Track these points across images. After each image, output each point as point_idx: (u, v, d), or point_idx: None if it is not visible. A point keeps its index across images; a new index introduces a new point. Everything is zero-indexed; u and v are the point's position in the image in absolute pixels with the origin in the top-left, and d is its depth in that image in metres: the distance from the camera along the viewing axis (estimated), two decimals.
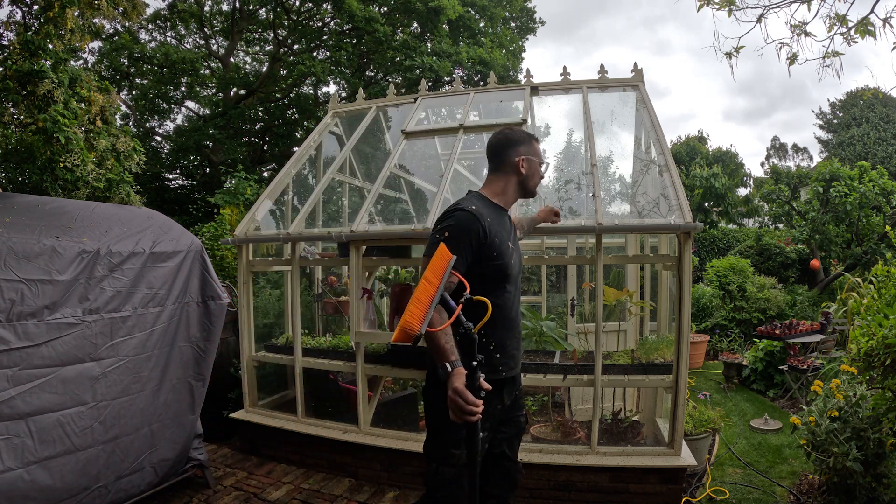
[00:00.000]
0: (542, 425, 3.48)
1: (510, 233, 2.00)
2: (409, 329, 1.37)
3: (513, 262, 1.93)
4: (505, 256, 1.87)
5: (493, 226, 1.86)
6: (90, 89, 4.77)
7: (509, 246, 1.92)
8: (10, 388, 2.25)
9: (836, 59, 3.50)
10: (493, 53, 12.40)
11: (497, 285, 1.88)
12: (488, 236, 1.82)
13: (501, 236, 1.89)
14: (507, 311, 1.93)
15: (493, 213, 1.91)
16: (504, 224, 1.96)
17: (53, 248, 2.51)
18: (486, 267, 1.84)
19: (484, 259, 1.82)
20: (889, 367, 2.49)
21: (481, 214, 1.82)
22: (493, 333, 1.87)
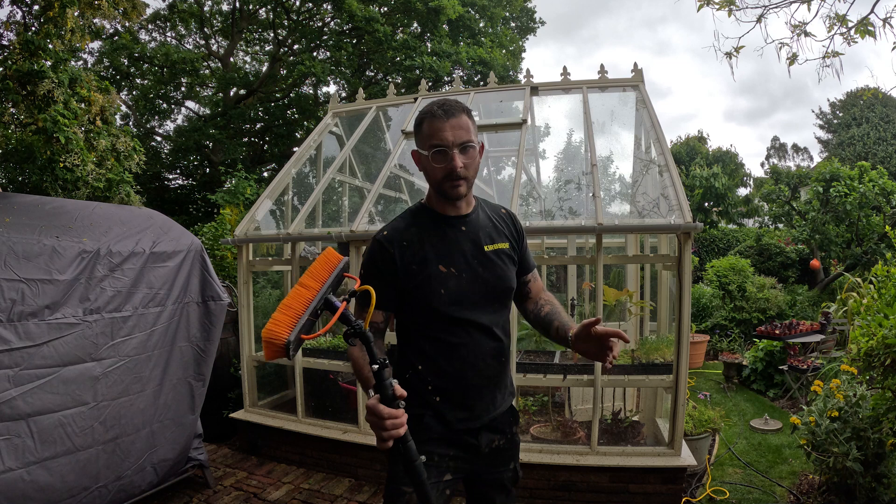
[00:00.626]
0: (542, 425, 3.48)
1: (468, 244, 1.51)
2: (273, 338, 1.12)
3: (452, 289, 1.45)
4: (430, 284, 1.44)
5: (415, 247, 1.46)
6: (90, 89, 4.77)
7: (446, 270, 1.46)
8: (12, 389, 2.25)
9: (836, 59, 3.51)
10: (493, 53, 12.39)
11: (432, 320, 1.46)
12: (400, 262, 1.45)
13: (428, 258, 1.46)
14: (455, 350, 1.46)
15: (425, 228, 1.50)
16: (448, 238, 1.49)
17: (53, 248, 2.51)
18: (412, 298, 1.47)
19: (407, 290, 1.46)
20: (889, 367, 2.49)
21: (392, 239, 1.47)
22: (431, 373, 1.48)
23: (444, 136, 1.40)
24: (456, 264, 1.48)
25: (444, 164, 1.41)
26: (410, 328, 1.52)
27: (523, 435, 3.33)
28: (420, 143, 1.47)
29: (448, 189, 1.45)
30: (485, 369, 1.51)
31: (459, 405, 1.50)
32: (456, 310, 1.46)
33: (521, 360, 3.32)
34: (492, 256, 1.53)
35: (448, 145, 1.40)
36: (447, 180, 1.43)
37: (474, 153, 1.45)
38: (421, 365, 1.49)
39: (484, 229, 1.55)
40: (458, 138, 1.40)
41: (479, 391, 1.51)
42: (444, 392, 1.49)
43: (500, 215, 1.64)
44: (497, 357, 1.54)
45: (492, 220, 1.59)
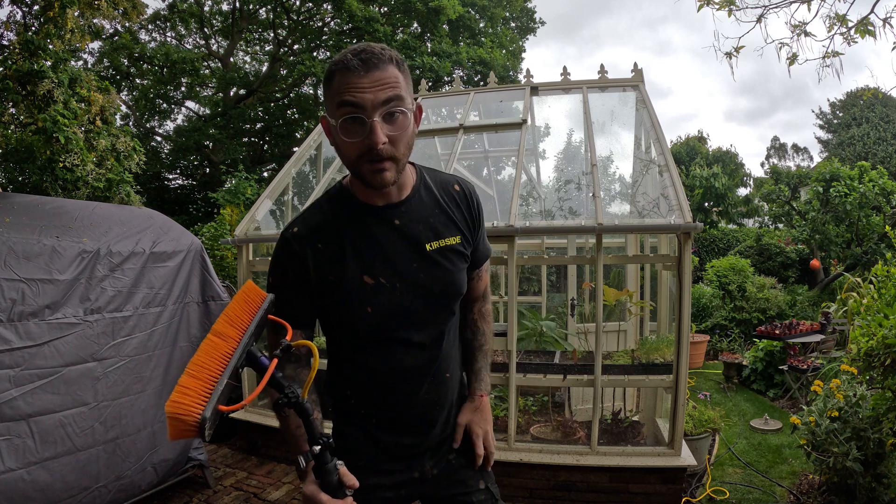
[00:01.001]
0: (542, 425, 3.48)
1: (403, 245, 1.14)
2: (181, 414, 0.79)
3: (382, 305, 1.12)
4: (352, 301, 1.11)
5: (333, 250, 1.11)
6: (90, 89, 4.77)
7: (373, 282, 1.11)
8: (12, 389, 2.25)
9: (836, 59, 3.51)
10: (493, 53, 12.40)
11: (358, 343, 1.17)
12: (314, 271, 1.10)
13: (348, 265, 1.11)
14: (388, 378, 1.18)
15: (345, 224, 1.13)
16: (376, 238, 1.13)
17: (53, 248, 2.51)
18: (331, 317, 1.17)
19: (323, 305, 1.14)
20: (889, 367, 2.49)
21: (303, 237, 1.11)
22: (363, 403, 1.23)
23: (361, 95, 0.97)
24: (386, 273, 1.11)
25: (358, 136, 1.00)
26: (335, 349, 1.22)
27: (523, 435, 3.33)
28: (328, 106, 1.03)
29: (367, 173, 1.03)
30: (428, 392, 1.22)
31: (396, 431, 1.23)
32: (388, 330, 1.14)
33: (521, 360, 3.32)
34: (436, 258, 1.15)
35: (365, 108, 0.98)
36: (364, 161, 1.02)
37: (406, 121, 1.03)
38: (349, 390, 1.22)
39: (425, 221, 1.16)
40: (381, 97, 0.98)
41: (422, 416, 1.23)
42: (379, 418, 1.23)
43: (452, 194, 1.22)
44: (441, 376, 1.24)
45: (439, 203, 1.19)
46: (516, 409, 3.18)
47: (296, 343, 0.98)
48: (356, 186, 1.14)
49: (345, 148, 1.03)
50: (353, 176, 1.10)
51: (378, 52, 1.01)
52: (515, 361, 3.15)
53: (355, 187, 1.14)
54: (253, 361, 0.93)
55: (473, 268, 1.30)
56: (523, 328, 3.95)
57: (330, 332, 1.21)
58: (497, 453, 3.24)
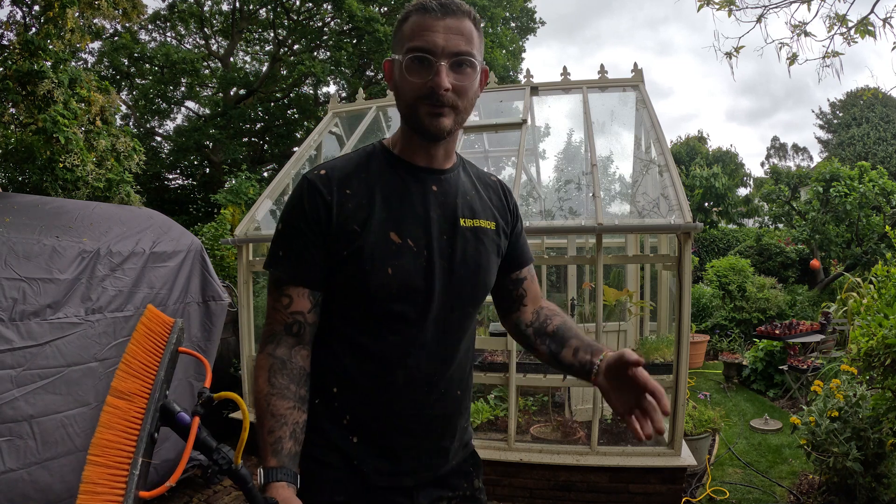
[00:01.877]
0: (542, 425, 3.49)
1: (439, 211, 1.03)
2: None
3: (404, 269, 0.97)
4: (373, 255, 0.96)
5: (361, 198, 0.99)
6: (90, 89, 4.77)
7: (400, 241, 0.98)
8: (14, 389, 2.25)
9: (836, 59, 3.51)
10: (493, 53, 12.40)
11: (365, 314, 0.98)
12: (337, 215, 0.97)
13: (374, 215, 0.98)
14: (390, 369, 0.99)
15: (379, 176, 1.02)
16: (411, 194, 1.02)
17: (54, 248, 2.51)
18: (341, 277, 0.98)
19: (337, 261, 0.97)
20: (889, 367, 2.49)
21: (331, 180, 0.99)
22: (350, 400, 1.01)
23: (433, 38, 0.93)
24: (415, 235, 0.99)
25: (422, 77, 0.94)
26: (329, 326, 1.02)
27: (523, 435, 3.33)
28: (396, 47, 0.98)
29: (424, 116, 0.96)
30: (433, 406, 1.02)
31: (385, 454, 1.00)
32: (403, 305, 0.97)
33: (521, 360, 3.32)
34: (469, 235, 1.04)
35: (435, 51, 0.93)
36: (424, 102, 0.95)
37: (473, 76, 0.98)
38: (336, 387, 1.00)
39: (464, 196, 1.07)
40: (453, 46, 0.94)
41: (418, 438, 1.02)
42: (363, 431, 1.00)
43: (489, 184, 1.16)
44: (454, 389, 1.06)
45: (477, 186, 1.12)
46: (516, 409, 3.18)
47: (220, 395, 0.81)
48: (399, 143, 1.05)
49: (405, 87, 0.96)
50: (407, 121, 1.01)
51: (459, 3, 0.97)
52: (515, 361, 3.15)
53: (397, 145, 1.05)
54: (170, 420, 0.73)
55: (519, 266, 1.20)
56: None
57: (327, 308, 1.01)
58: (497, 453, 3.24)
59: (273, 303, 0.98)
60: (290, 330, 0.97)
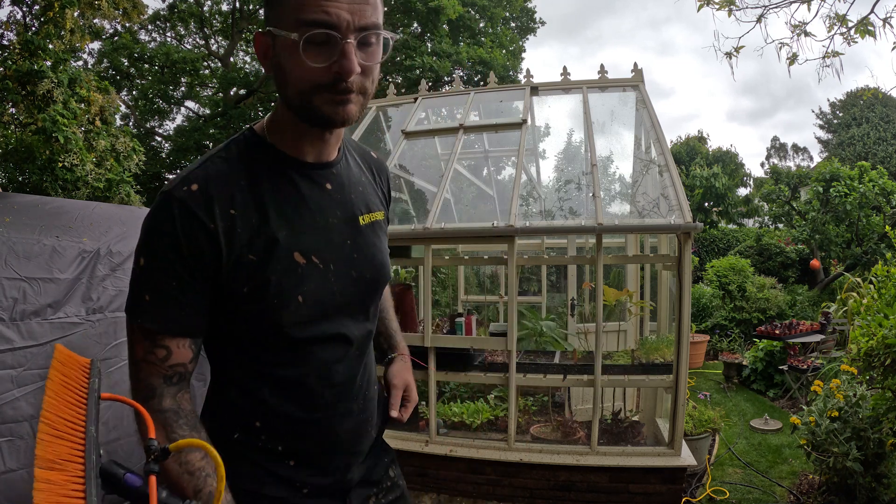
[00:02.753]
0: (542, 425, 3.49)
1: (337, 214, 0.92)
2: None
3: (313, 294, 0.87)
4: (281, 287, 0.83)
5: (251, 216, 0.83)
6: (90, 89, 4.78)
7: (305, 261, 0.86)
8: (14, 389, 2.25)
9: (836, 59, 3.51)
10: (493, 53, 12.40)
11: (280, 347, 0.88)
12: (226, 245, 0.80)
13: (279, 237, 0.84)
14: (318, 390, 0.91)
15: (265, 182, 0.85)
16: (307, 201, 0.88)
17: (54, 248, 2.51)
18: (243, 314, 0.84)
19: (233, 297, 0.83)
20: (889, 367, 2.49)
21: (209, 198, 0.80)
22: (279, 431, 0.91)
23: (335, 9, 0.75)
24: (318, 249, 0.87)
25: (325, 59, 0.77)
26: (236, 363, 0.90)
27: (523, 435, 3.33)
28: (278, 19, 0.77)
29: (324, 105, 0.80)
30: (362, 405, 0.98)
31: (325, 468, 0.95)
32: (319, 326, 0.88)
33: (521, 360, 3.32)
34: (368, 234, 0.95)
35: (340, 26, 0.76)
36: (324, 91, 0.79)
37: (378, 51, 0.82)
38: (259, 421, 0.90)
39: (355, 188, 0.95)
40: (359, 18, 0.77)
41: (354, 440, 0.98)
42: (300, 454, 0.92)
43: (371, 162, 1.05)
44: (371, 388, 1.02)
45: (362, 169, 1.00)
46: (516, 409, 3.18)
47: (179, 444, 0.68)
48: (280, 132, 0.87)
49: (298, 72, 0.78)
50: (298, 111, 0.82)
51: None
52: (515, 361, 3.15)
53: (277, 135, 0.87)
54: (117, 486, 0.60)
55: None
56: (523, 328, 3.95)
57: (232, 338, 0.88)
58: (497, 453, 3.24)
59: (144, 355, 0.80)
60: (171, 381, 0.82)
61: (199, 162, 0.84)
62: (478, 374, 3.30)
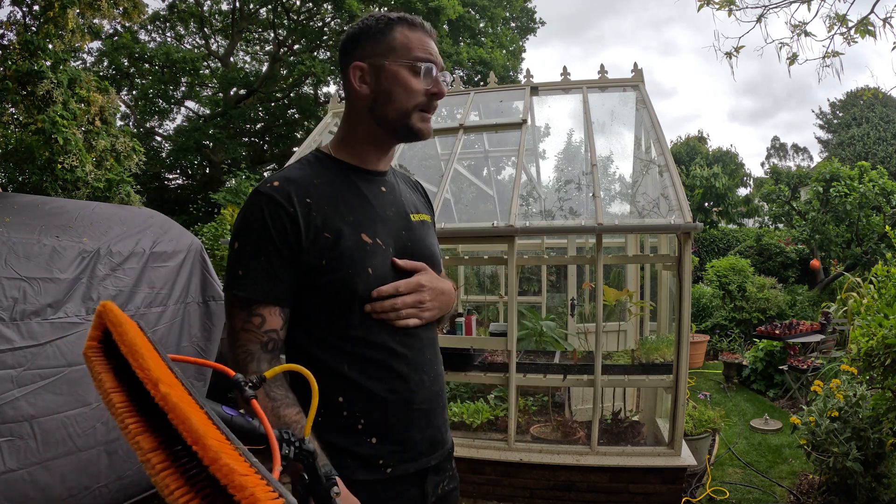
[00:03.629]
0: (542, 425, 3.49)
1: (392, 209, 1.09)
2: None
3: (379, 268, 1.02)
4: (352, 260, 0.98)
5: (323, 206, 0.99)
6: (89, 89, 4.77)
7: (371, 241, 1.02)
8: (15, 389, 2.25)
9: (837, 58, 3.51)
10: (493, 53, 12.40)
11: (355, 318, 0.99)
12: (305, 227, 0.96)
13: (348, 222, 1.00)
14: (395, 362, 1.02)
15: (332, 183, 1.04)
16: (366, 197, 1.06)
17: (54, 248, 2.51)
18: (322, 286, 0.98)
19: (313, 271, 0.97)
20: (889, 367, 2.49)
21: (289, 192, 0.97)
22: (360, 406, 1.00)
23: (434, 51, 1.06)
24: (381, 234, 1.04)
25: (430, 84, 1.05)
26: (316, 339, 1.01)
27: (523, 435, 3.33)
28: (383, 54, 1.02)
29: (417, 121, 1.05)
30: (433, 383, 1.09)
31: (403, 444, 1.04)
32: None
33: (521, 360, 3.32)
34: (419, 227, 1.13)
35: (438, 63, 1.06)
36: (420, 108, 1.05)
37: None
38: (342, 396, 0.99)
39: (404, 193, 1.17)
40: (441, 63, 1.09)
41: (427, 417, 1.07)
42: (381, 429, 1.01)
43: (411, 182, 1.27)
44: (439, 366, 1.14)
45: (406, 184, 1.23)
46: (516, 409, 3.18)
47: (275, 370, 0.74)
48: (348, 147, 1.09)
49: (404, 93, 1.03)
50: (392, 126, 1.05)
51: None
52: (515, 361, 3.15)
53: (344, 149, 1.09)
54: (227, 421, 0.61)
55: None
56: (523, 328, 3.95)
57: (311, 315, 1.00)
58: (497, 453, 3.23)
59: (243, 324, 0.95)
60: (266, 348, 0.95)
61: (280, 171, 1.06)
62: (478, 374, 3.30)
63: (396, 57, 1.02)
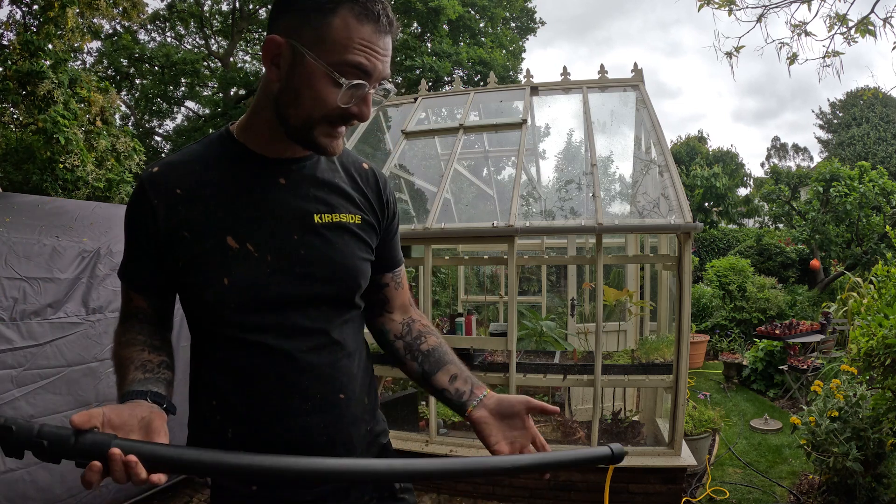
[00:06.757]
0: (542, 425, 3.49)
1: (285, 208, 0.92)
2: None
3: (242, 277, 0.88)
4: (206, 266, 0.88)
5: (193, 199, 0.89)
6: (90, 89, 4.78)
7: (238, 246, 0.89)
8: (14, 389, 2.25)
9: (837, 58, 3.51)
10: (493, 54, 12.40)
11: (214, 327, 0.91)
12: (163, 222, 0.88)
13: (210, 219, 0.89)
14: (249, 380, 0.91)
15: (219, 170, 0.91)
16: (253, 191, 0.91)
17: (54, 248, 2.51)
18: (182, 289, 0.93)
19: (174, 271, 0.91)
20: (889, 367, 2.49)
21: (158, 181, 0.89)
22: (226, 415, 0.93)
23: (375, 62, 0.82)
24: (257, 239, 0.89)
25: (346, 99, 0.82)
26: (194, 338, 0.97)
27: None
28: (312, 41, 0.80)
29: (321, 136, 0.86)
30: (310, 414, 0.93)
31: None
32: (250, 316, 0.89)
33: (521, 360, 3.32)
34: (326, 233, 0.94)
35: (372, 77, 0.83)
36: (325, 122, 0.85)
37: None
38: (215, 399, 0.94)
39: (319, 188, 0.95)
40: (384, 73, 0.85)
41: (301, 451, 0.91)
42: (248, 445, 0.91)
43: (359, 171, 1.02)
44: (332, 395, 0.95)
45: (340, 174, 1.00)
46: None
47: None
48: (254, 131, 0.92)
49: (317, 102, 0.82)
50: (294, 131, 0.86)
51: (390, 9, 0.84)
52: (515, 361, 3.15)
53: (249, 134, 0.92)
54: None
55: (385, 268, 1.08)
56: (523, 328, 3.95)
57: (188, 314, 0.96)
58: None
59: (122, 294, 0.98)
60: (137, 317, 0.96)
61: (177, 152, 0.96)
62: (478, 374, 3.29)
63: (323, 52, 0.80)
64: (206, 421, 0.95)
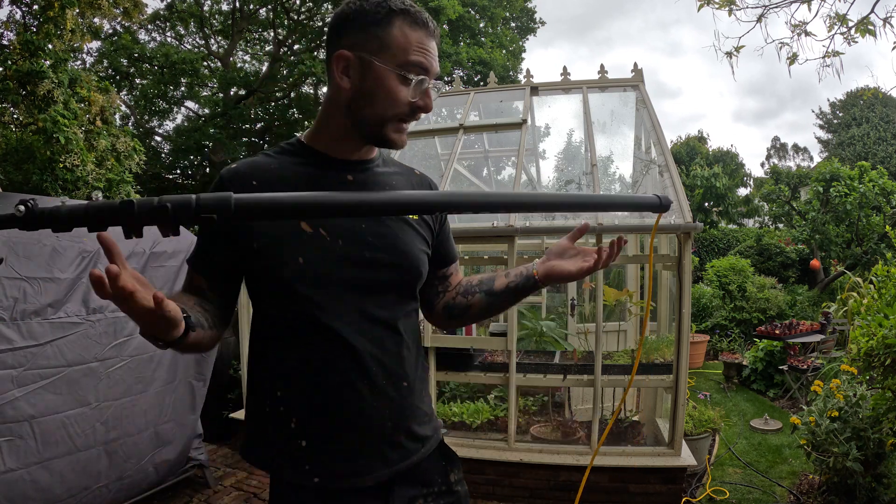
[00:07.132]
0: (542, 425, 3.49)
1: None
2: None
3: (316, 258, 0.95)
4: (281, 247, 0.94)
5: (273, 189, 0.96)
6: (90, 89, 4.78)
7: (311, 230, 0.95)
8: (14, 389, 2.25)
9: (837, 58, 3.51)
10: (493, 54, 12.40)
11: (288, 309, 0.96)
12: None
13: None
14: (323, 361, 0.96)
15: (293, 167, 1.00)
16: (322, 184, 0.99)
17: (54, 248, 2.51)
18: (256, 271, 0.98)
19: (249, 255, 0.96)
20: (889, 367, 2.49)
21: (237, 176, 0.97)
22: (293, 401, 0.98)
23: (431, 59, 0.95)
24: (328, 224, 0.97)
25: (413, 95, 0.94)
26: (261, 327, 1.02)
27: (523, 435, 3.33)
28: (375, 50, 0.92)
29: (392, 132, 0.98)
30: (376, 398, 0.98)
31: (337, 455, 0.97)
32: (327, 291, 0.95)
33: (521, 360, 3.32)
34: (388, 221, 1.02)
35: (431, 73, 0.96)
36: (397, 119, 0.96)
37: None
38: (280, 390, 0.98)
39: (383, 185, 1.05)
40: (438, 68, 0.98)
41: (364, 434, 0.97)
42: (312, 434, 0.97)
43: (413, 175, 1.15)
44: (396, 380, 1.01)
45: (398, 175, 1.11)
46: (516, 409, 3.18)
47: None
48: (321, 138, 1.02)
49: (385, 99, 0.94)
50: (366, 128, 0.97)
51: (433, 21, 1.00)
52: (515, 361, 3.15)
53: (320, 140, 1.02)
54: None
55: (444, 264, 1.17)
56: (523, 328, 3.95)
57: (256, 301, 1.02)
58: (497, 453, 3.24)
59: (185, 277, 1.04)
60: (194, 291, 1.00)
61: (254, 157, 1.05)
62: (478, 374, 3.30)
63: (388, 57, 0.92)
64: (272, 408, 0.98)
